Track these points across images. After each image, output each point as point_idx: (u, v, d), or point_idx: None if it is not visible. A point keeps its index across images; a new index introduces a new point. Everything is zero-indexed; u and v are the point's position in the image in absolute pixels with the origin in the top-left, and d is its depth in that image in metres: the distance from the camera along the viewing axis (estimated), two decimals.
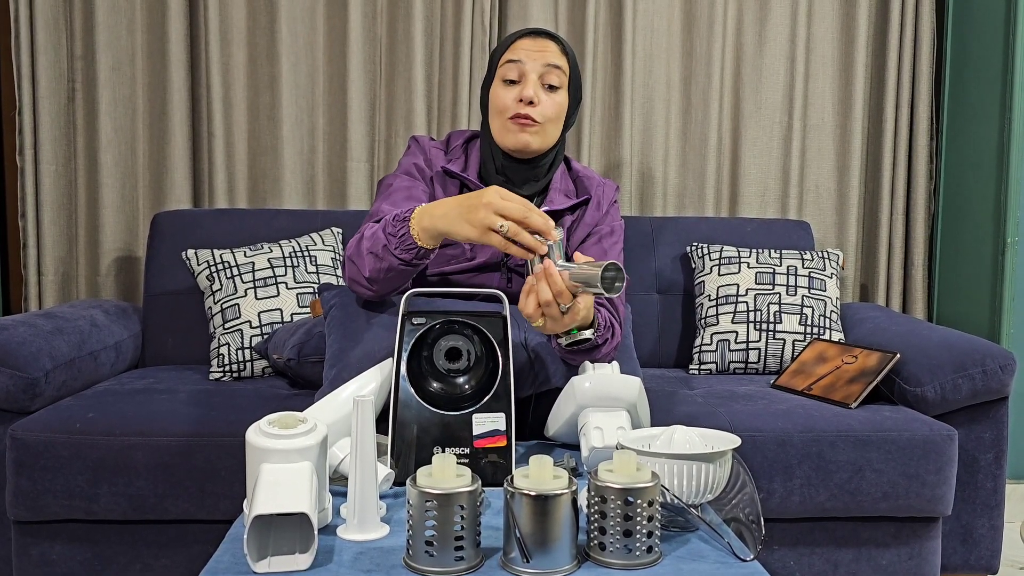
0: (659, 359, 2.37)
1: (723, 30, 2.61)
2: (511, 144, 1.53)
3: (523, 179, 1.58)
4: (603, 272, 1.12)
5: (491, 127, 1.57)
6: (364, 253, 1.38)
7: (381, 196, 1.55)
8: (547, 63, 1.52)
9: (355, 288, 1.44)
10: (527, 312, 1.22)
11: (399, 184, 1.55)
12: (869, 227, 2.72)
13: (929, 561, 1.81)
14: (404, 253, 1.33)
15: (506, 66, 1.53)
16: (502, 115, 1.53)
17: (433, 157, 1.61)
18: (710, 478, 1.04)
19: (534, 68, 1.52)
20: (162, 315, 2.25)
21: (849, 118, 2.67)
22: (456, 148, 1.64)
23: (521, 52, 1.53)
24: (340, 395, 1.20)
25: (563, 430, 1.35)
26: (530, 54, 1.52)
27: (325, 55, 2.55)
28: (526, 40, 1.54)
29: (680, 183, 2.66)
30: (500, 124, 1.54)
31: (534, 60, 1.52)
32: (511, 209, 1.19)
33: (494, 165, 1.57)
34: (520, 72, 1.52)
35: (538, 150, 1.55)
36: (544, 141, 1.55)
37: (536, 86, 1.52)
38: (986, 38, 2.52)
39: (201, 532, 1.69)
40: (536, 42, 1.54)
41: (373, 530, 1.03)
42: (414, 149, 1.63)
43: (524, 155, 1.55)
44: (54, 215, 2.47)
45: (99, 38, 2.44)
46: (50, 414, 1.69)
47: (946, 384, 1.84)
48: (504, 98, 1.53)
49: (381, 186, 1.59)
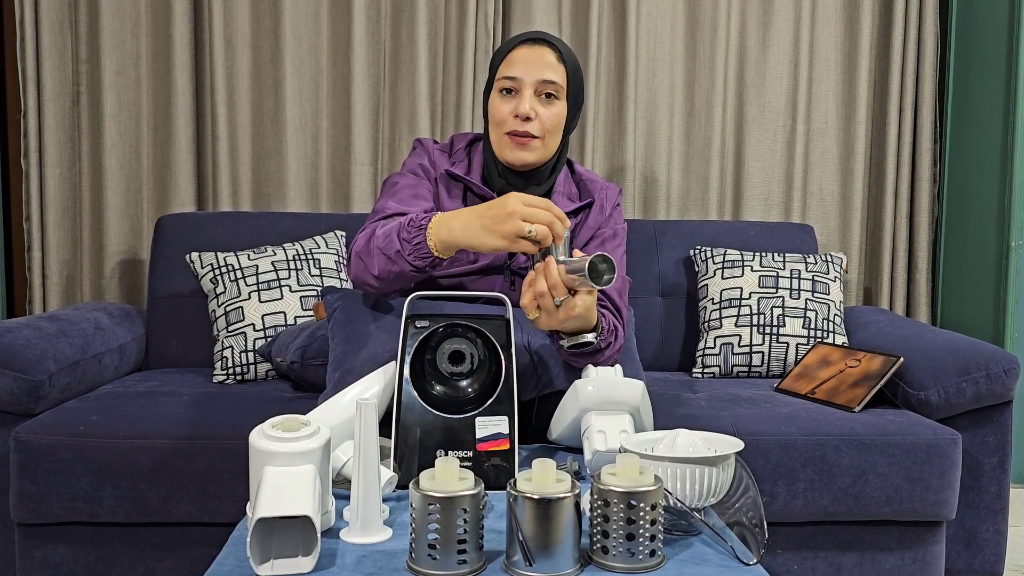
0: (662, 362, 2.36)
1: (726, 34, 2.61)
2: (509, 160, 1.54)
3: (524, 185, 1.58)
4: (591, 261, 1.14)
5: (490, 138, 1.57)
6: (374, 252, 1.37)
7: (386, 194, 1.55)
8: (542, 79, 1.50)
9: (360, 284, 1.44)
10: (523, 303, 1.23)
11: (404, 182, 1.55)
12: (873, 230, 2.72)
13: (933, 565, 1.80)
14: (418, 260, 1.33)
15: (503, 80, 1.53)
16: (500, 128, 1.53)
17: (437, 159, 1.61)
18: (713, 482, 1.04)
19: (530, 82, 1.50)
20: (166, 318, 2.25)
21: (853, 121, 2.67)
22: (459, 151, 1.64)
23: (517, 66, 1.51)
24: (343, 398, 1.20)
25: (566, 433, 1.35)
26: (525, 67, 1.51)
27: (329, 59, 2.55)
28: (523, 50, 1.53)
29: (683, 186, 2.66)
30: (498, 138, 1.54)
31: (529, 74, 1.50)
32: (539, 215, 1.20)
33: (496, 170, 1.58)
34: (516, 86, 1.51)
35: (536, 163, 1.55)
36: (543, 154, 1.55)
37: (532, 100, 1.50)
38: (989, 41, 2.51)
39: (204, 535, 1.69)
40: (533, 51, 1.52)
41: (376, 533, 1.03)
42: (419, 151, 1.64)
43: (524, 168, 1.56)
44: (58, 218, 2.47)
45: (104, 42, 2.45)
46: (54, 416, 1.69)
47: (950, 388, 1.84)
48: (501, 110, 1.52)
49: (386, 184, 1.59)
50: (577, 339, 1.32)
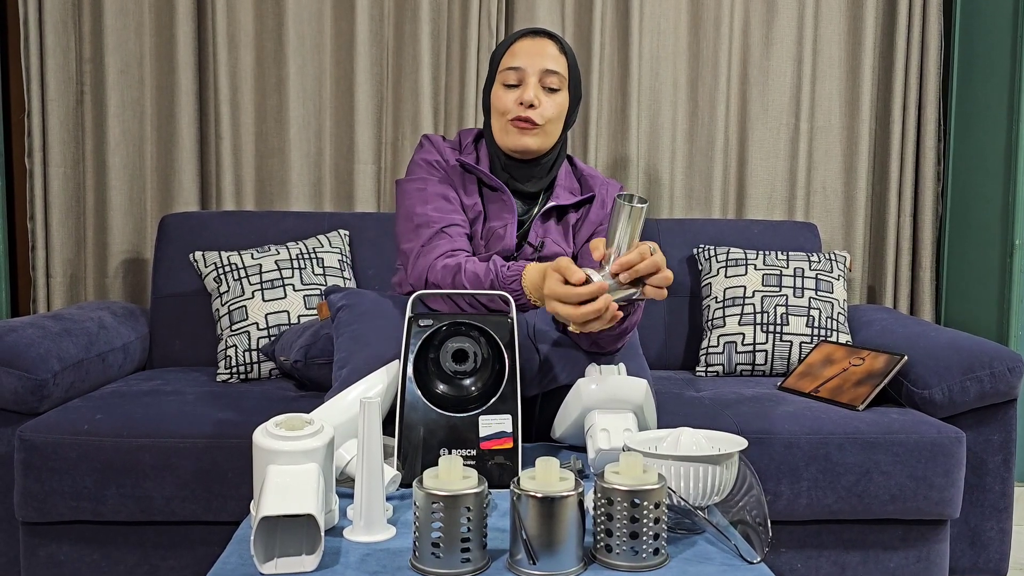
0: (666, 361, 2.36)
1: (730, 32, 2.61)
2: (511, 145, 1.56)
3: (527, 176, 1.61)
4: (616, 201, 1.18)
5: (492, 128, 1.60)
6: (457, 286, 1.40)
7: (414, 199, 1.56)
8: (545, 68, 1.54)
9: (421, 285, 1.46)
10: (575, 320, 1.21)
11: (432, 190, 1.57)
12: (876, 229, 2.71)
13: (937, 564, 1.80)
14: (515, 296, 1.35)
15: (506, 71, 1.56)
16: (503, 117, 1.56)
17: (446, 155, 1.63)
18: (717, 480, 1.04)
19: (533, 71, 1.54)
20: (170, 317, 2.26)
21: (856, 120, 2.66)
22: (468, 144, 1.67)
23: (521, 57, 1.55)
24: (347, 397, 1.20)
25: (569, 432, 1.35)
26: (529, 58, 1.54)
27: (332, 58, 2.55)
28: (525, 42, 1.56)
29: (687, 185, 2.65)
30: (501, 126, 1.57)
31: (533, 63, 1.54)
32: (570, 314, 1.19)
33: (499, 163, 1.60)
34: (519, 77, 1.55)
35: (538, 151, 1.58)
36: (545, 142, 1.58)
37: (536, 88, 1.54)
38: (994, 39, 2.51)
39: (208, 533, 1.69)
40: (535, 43, 1.56)
41: (379, 532, 1.03)
42: (427, 147, 1.65)
43: (525, 156, 1.58)
44: (62, 217, 2.48)
45: (107, 41, 2.46)
46: (58, 416, 1.70)
47: (954, 386, 1.84)
48: (505, 101, 1.55)
49: (407, 189, 1.59)
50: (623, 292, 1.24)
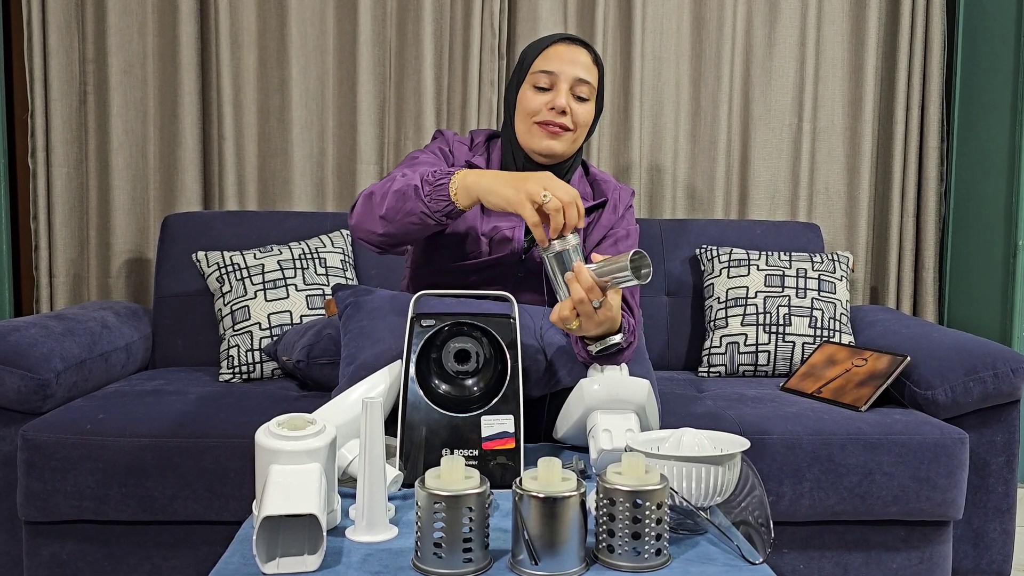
0: (668, 361, 2.36)
1: (732, 32, 2.61)
2: (537, 147, 1.55)
3: None
4: (631, 259, 1.18)
5: (516, 128, 1.58)
6: (389, 193, 1.38)
7: (404, 164, 1.56)
8: (578, 77, 1.53)
9: (361, 230, 1.44)
10: (562, 315, 1.24)
11: (425, 158, 1.56)
12: (879, 229, 2.71)
13: (940, 565, 1.80)
14: (433, 203, 1.34)
15: (538, 74, 1.54)
16: (530, 118, 1.54)
17: (457, 151, 1.63)
18: (719, 481, 1.04)
19: (566, 78, 1.53)
20: (172, 317, 2.26)
21: (859, 120, 2.66)
22: (479, 144, 1.66)
23: (555, 61, 1.53)
24: (349, 397, 1.20)
25: (572, 432, 1.35)
26: (564, 64, 1.53)
27: (335, 58, 2.55)
28: (560, 47, 1.55)
29: (689, 185, 2.65)
30: (527, 127, 1.55)
31: (566, 71, 1.53)
32: (559, 192, 1.23)
33: (515, 165, 1.59)
34: (551, 81, 1.53)
35: (563, 155, 1.57)
36: (570, 147, 1.57)
37: (568, 96, 1.53)
38: (997, 40, 2.50)
39: (210, 533, 1.69)
40: (570, 50, 1.55)
41: (382, 532, 1.03)
42: (440, 139, 1.66)
43: (549, 159, 1.57)
44: (65, 217, 2.48)
45: (111, 41, 2.46)
46: (61, 415, 1.70)
47: (957, 387, 1.83)
48: (534, 102, 1.54)
49: (407, 157, 1.60)
50: (605, 342, 1.32)
